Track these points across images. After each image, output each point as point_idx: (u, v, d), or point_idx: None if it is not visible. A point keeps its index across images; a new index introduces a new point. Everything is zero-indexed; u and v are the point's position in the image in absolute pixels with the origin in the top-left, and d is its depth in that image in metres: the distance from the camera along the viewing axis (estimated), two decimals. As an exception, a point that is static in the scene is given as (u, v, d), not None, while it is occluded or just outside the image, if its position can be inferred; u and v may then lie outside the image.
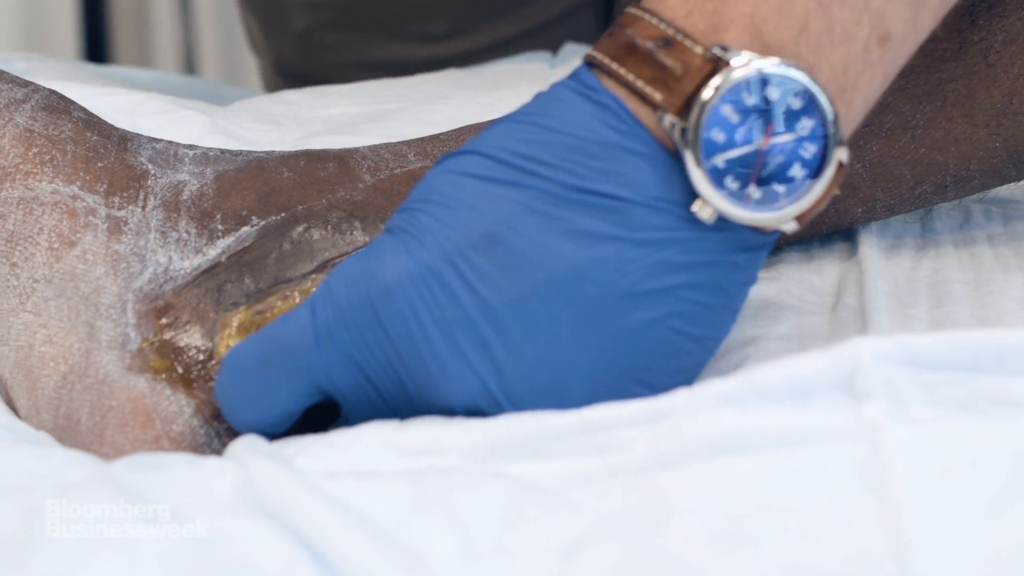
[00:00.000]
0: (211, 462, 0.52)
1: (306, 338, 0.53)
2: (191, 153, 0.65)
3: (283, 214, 0.62)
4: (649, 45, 0.50)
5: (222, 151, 0.66)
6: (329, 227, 0.61)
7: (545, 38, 1.01)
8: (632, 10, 0.51)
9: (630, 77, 0.50)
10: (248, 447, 0.53)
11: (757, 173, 0.50)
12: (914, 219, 0.68)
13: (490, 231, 0.50)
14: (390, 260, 0.51)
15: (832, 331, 0.59)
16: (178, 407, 0.58)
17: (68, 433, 0.59)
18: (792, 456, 0.49)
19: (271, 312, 0.59)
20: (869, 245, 0.65)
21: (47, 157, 0.62)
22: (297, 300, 0.60)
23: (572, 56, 0.87)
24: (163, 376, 0.58)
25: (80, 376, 0.58)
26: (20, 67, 0.76)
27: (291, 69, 1.08)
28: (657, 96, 0.49)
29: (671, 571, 0.45)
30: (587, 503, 0.49)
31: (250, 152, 0.66)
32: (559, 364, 0.51)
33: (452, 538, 0.47)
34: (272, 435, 0.55)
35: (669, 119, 0.49)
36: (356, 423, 0.54)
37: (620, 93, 0.50)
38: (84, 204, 0.61)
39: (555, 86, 0.52)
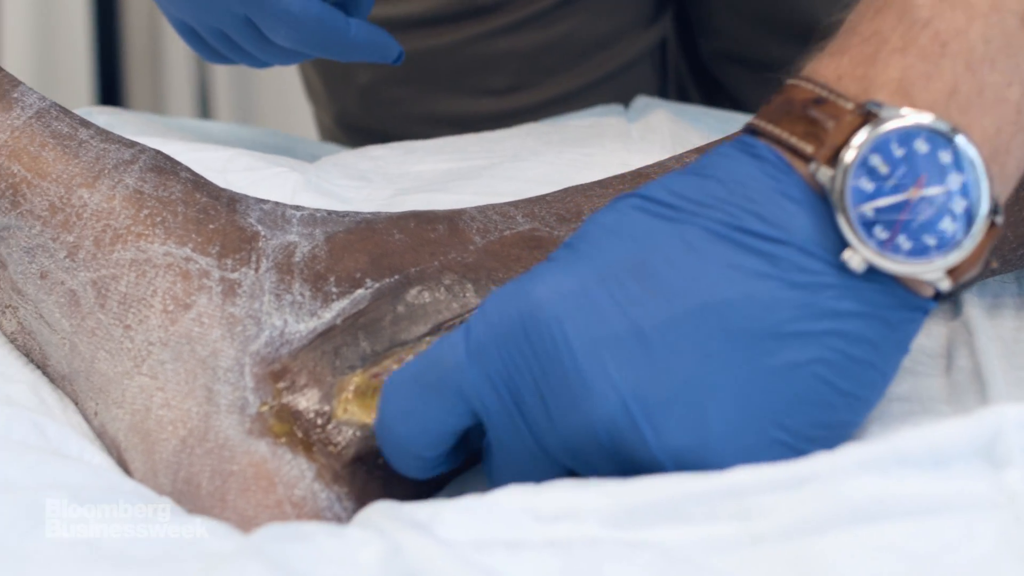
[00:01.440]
0: (352, 532, 0.52)
1: (458, 355, 0.53)
2: (298, 214, 0.65)
3: (396, 276, 0.62)
4: (802, 105, 0.51)
5: (329, 212, 0.66)
6: (442, 289, 0.61)
7: (606, 91, 1.01)
8: (789, 80, 0.53)
9: (784, 135, 0.51)
10: (385, 514, 0.53)
11: (905, 221, 0.50)
12: (1010, 279, 0.68)
13: (645, 259, 0.51)
14: (543, 278, 0.52)
15: (950, 394, 0.59)
16: (299, 471, 0.58)
17: (188, 497, 0.58)
18: (937, 524, 0.49)
19: (387, 375, 0.60)
20: (972, 305, 0.65)
21: (158, 219, 0.62)
22: None
23: (645, 108, 0.87)
24: (283, 440, 0.58)
25: (200, 440, 0.58)
26: (101, 120, 0.75)
27: (353, 122, 1.08)
28: (809, 148, 0.50)
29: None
30: (733, 572, 0.49)
31: (356, 213, 0.66)
32: (701, 392, 0.51)
33: (608, 610, 0.47)
34: (427, 459, 0.55)
35: (820, 169, 0.50)
36: (498, 454, 0.54)
37: (777, 150, 0.52)
38: (197, 266, 0.61)
39: (719, 147, 0.54)
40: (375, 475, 0.58)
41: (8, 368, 0.64)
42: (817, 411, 0.52)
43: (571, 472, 0.55)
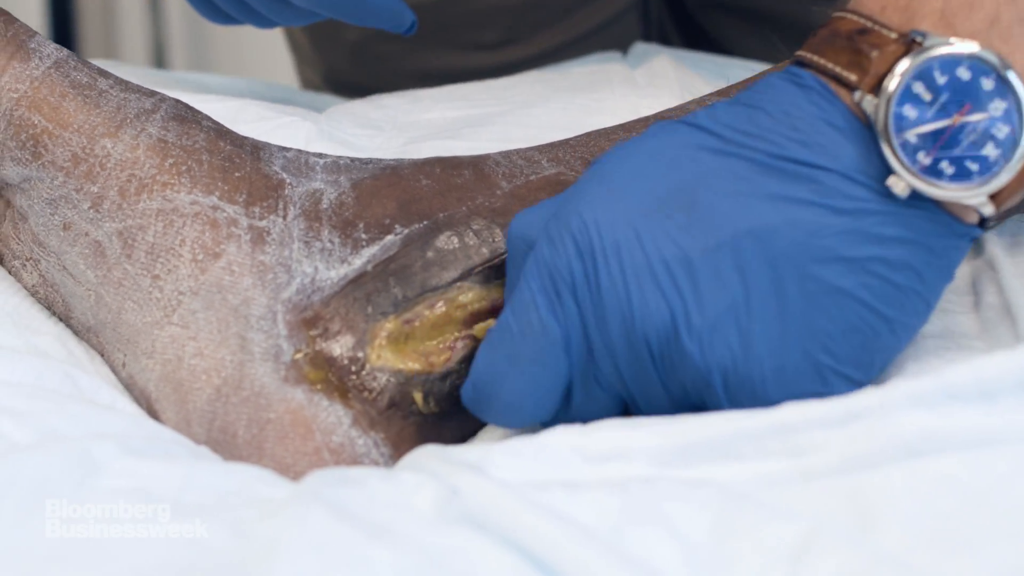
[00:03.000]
0: (405, 476, 0.52)
1: (541, 317, 0.54)
2: (321, 162, 0.65)
3: (425, 222, 0.61)
4: (847, 35, 0.53)
5: (352, 159, 0.65)
6: (471, 234, 0.61)
7: (594, 44, 1.01)
8: (833, 12, 0.54)
9: (829, 64, 0.53)
10: (435, 457, 0.53)
11: (946, 145, 0.51)
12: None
13: (691, 187, 0.52)
14: (596, 204, 0.53)
15: (982, 330, 0.60)
16: (336, 418, 0.58)
17: (224, 446, 0.58)
18: (989, 458, 0.49)
19: (419, 321, 0.59)
20: (994, 244, 0.66)
21: (183, 167, 0.62)
22: (443, 309, 0.60)
23: (646, 55, 0.88)
24: (319, 387, 0.58)
25: (235, 388, 0.58)
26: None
27: (343, 79, 1.07)
28: (853, 77, 0.51)
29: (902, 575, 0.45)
30: (789, 507, 0.49)
31: (379, 160, 0.65)
32: (747, 314, 0.51)
33: (672, 548, 0.47)
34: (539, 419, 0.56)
35: (864, 97, 0.51)
36: (577, 394, 0.55)
37: (823, 79, 0.53)
38: (225, 215, 0.61)
39: (767, 76, 0.55)
40: (410, 420, 0.58)
41: (32, 320, 0.63)
42: (861, 336, 0.52)
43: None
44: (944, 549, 0.47)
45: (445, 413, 0.59)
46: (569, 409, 0.56)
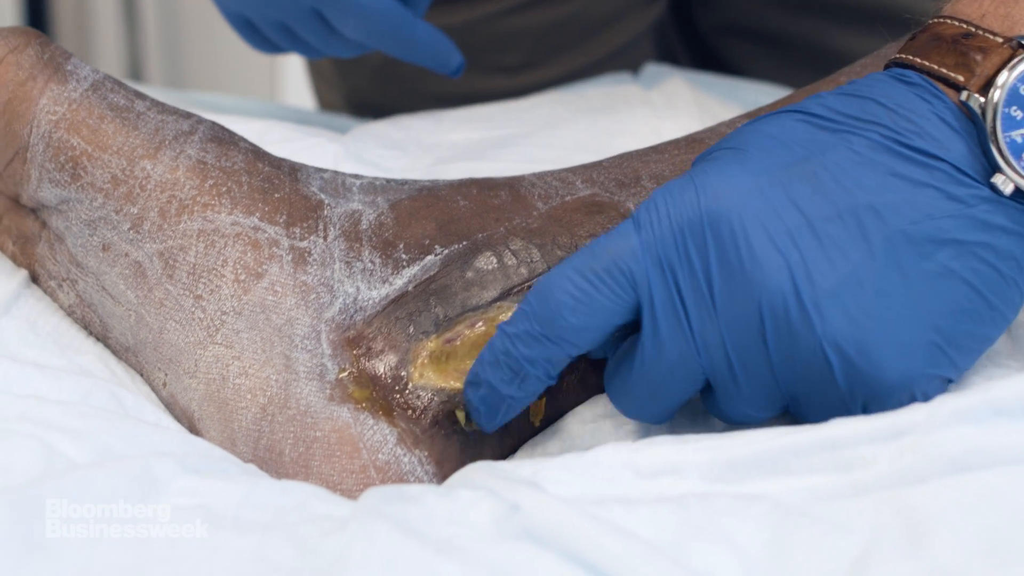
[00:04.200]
0: (461, 493, 0.52)
1: (631, 244, 0.54)
2: (358, 182, 0.66)
3: (464, 242, 0.62)
4: (951, 39, 0.55)
5: (387, 180, 0.66)
6: (510, 255, 0.62)
7: (611, 67, 1.02)
8: (931, 19, 0.56)
9: (935, 66, 0.55)
10: (488, 473, 0.53)
11: None
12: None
13: (812, 163, 0.53)
14: (719, 175, 0.54)
15: (1015, 349, 0.61)
16: (382, 436, 0.58)
17: (270, 464, 0.59)
18: (1037, 471, 0.50)
19: (460, 340, 0.60)
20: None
21: (223, 189, 0.62)
22: (483, 328, 0.60)
23: (658, 76, 0.89)
24: (364, 405, 0.59)
25: (281, 408, 0.59)
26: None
27: (365, 101, 1.08)
28: (960, 78, 0.53)
29: (959, 587, 0.46)
30: (843, 522, 0.50)
31: (415, 181, 0.66)
32: (865, 287, 0.52)
33: (731, 562, 0.48)
34: (579, 350, 0.55)
35: (972, 96, 0.53)
36: (649, 352, 0.54)
37: (927, 79, 0.55)
38: (266, 235, 0.61)
39: (868, 76, 0.56)
40: (453, 439, 0.59)
41: (72, 340, 0.64)
42: (967, 319, 0.53)
43: (703, 391, 0.56)
44: (995, 562, 0.48)
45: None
46: (636, 360, 0.55)
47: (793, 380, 0.54)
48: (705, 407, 0.57)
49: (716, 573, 0.48)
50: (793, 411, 0.55)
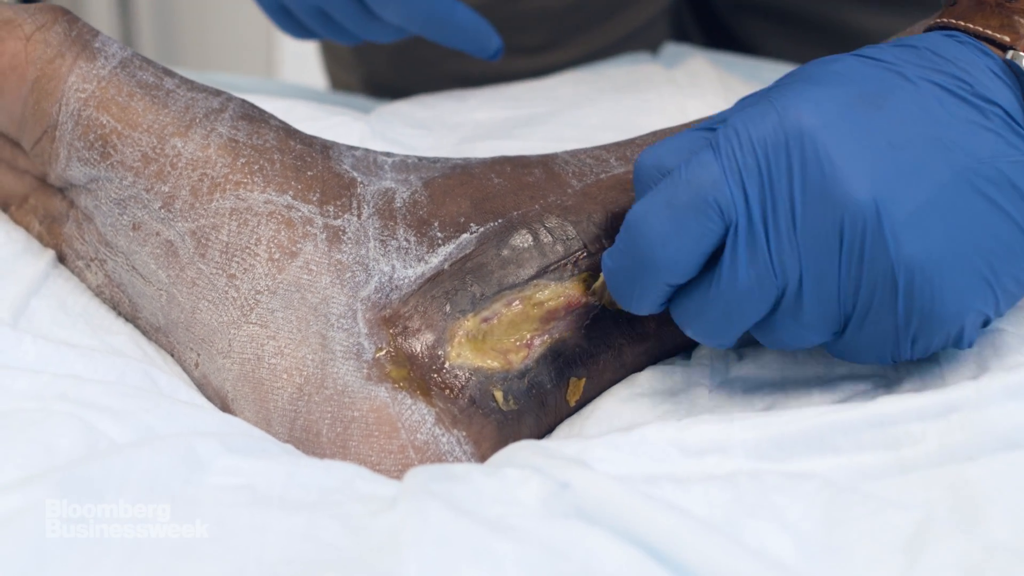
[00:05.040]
0: (507, 471, 0.52)
1: (713, 173, 0.53)
2: (389, 160, 0.65)
3: (500, 220, 0.62)
4: (994, 3, 0.56)
5: (419, 158, 0.66)
6: (545, 232, 0.61)
7: (629, 48, 1.02)
8: None
9: (980, 28, 0.56)
10: (534, 452, 0.53)
11: None
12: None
13: (880, 92, 0.54)
14: (797, 97, 0.53)
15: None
16: (420, 416, 0.58)
17: (306, 445, 0.58)
18: (1086, 446, 0.50)
19: (497, 319, 0.60)
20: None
21: (256, 167, 0.62)
22: (520, 307, 0.60)
23: (678, 56, 0.88)
24: (401, 385, 0.58)
25: (318, 387, 0.58)
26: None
27: (383, 83, 1.07)
28: (1007, 38, 0.55)
29: (1017, 562, 0.46)
30: (894, 499, 0.50)
31: (447, 159, 0.66)
32: (936, 214, 0.52)
33: (786, 539, 0.48)
34: (671, 288, 0.56)
35: (1019, 55, 0.54)
36: (727, 277, 0.54)
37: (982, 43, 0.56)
38: (300, 214, 0.61)
39: (916, 36, 0.57)
40: (491, 418, 0.59)
41: (103, 320, 0.63)
42: (1015, 261, 0.54)
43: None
44: (1053, 538, 0.47)
45: (523, 410, 0.59)
46: (711, 283, 0.55)
47: (855, 302, 0.53)
48: (755, 335, 0.56)
49: (771, 550, 0.47)
50: (841, 340, 0.55)
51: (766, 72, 0.89)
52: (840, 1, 0.98)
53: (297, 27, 0.79)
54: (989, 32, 0.55)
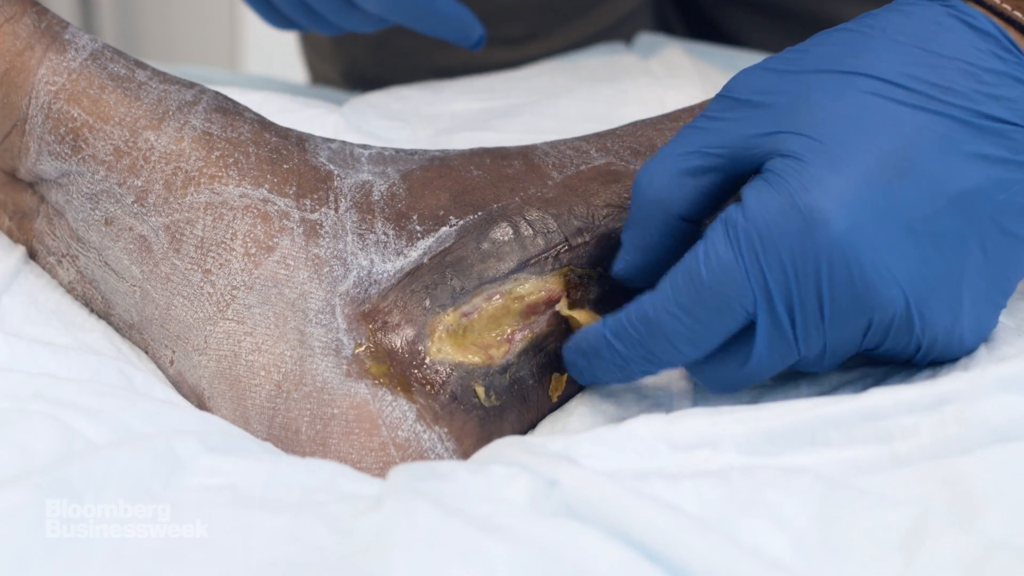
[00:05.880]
0: (494, 469, 0.51)
1: (737, 280, 0.52)
2: (366, 153, 0.64)
3: (479, 213, 0.61)
4: None
5: (396, 150, 0.64)
6: (526, 225, 0.60)
7: (611, 39, 1.01)
8: None
9: (1007, 7, 0.53)
10: (520, 449, 0.52)
11: None
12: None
13: (901, 152, 0.51)
14: (820, 192, 0.51)
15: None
16: (401, 412, 0.57)
17: (285, 443, 0.57)
18: (1082, 439, 0.49)
19: (477, 313, 0.59)
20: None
21: (230, 160, 0.60)
22: (500, 301, 0.59)
23: (654, 46, 0.87)
24: (381, 381, 0.57)
25: (296, 384, 0.57)
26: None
27: (363, 74, 1.06)
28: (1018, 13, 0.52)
29: (1017, 560, 0.45)
30: (886, 493, 0.49)
31: (424, 151, 0.65)
32: (959, 278, 0.52)
33: (781, 537, 0.47)
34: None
35: None
36: (762, 360, 0.53)
37: (1002, 24, 0.53)
38: (276, 207, 0.60)
39: (929, 11, 0.54)
40: (472, 414, 0.58)
41: (76, 317, 0.62)
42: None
43: None
44: (1051, 532, 0.47)
45: (505, 406, 0.58)
46: (735, 361, 0.55)
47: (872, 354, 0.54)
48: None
49: (767, 548, 0.47)
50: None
51: (741, 62, 0.88)
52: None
53: (279, 18, 0.77)
54: (1018, 15, 0.53)
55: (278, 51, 1.68)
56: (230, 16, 1.85)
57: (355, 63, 1.06)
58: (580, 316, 0.57)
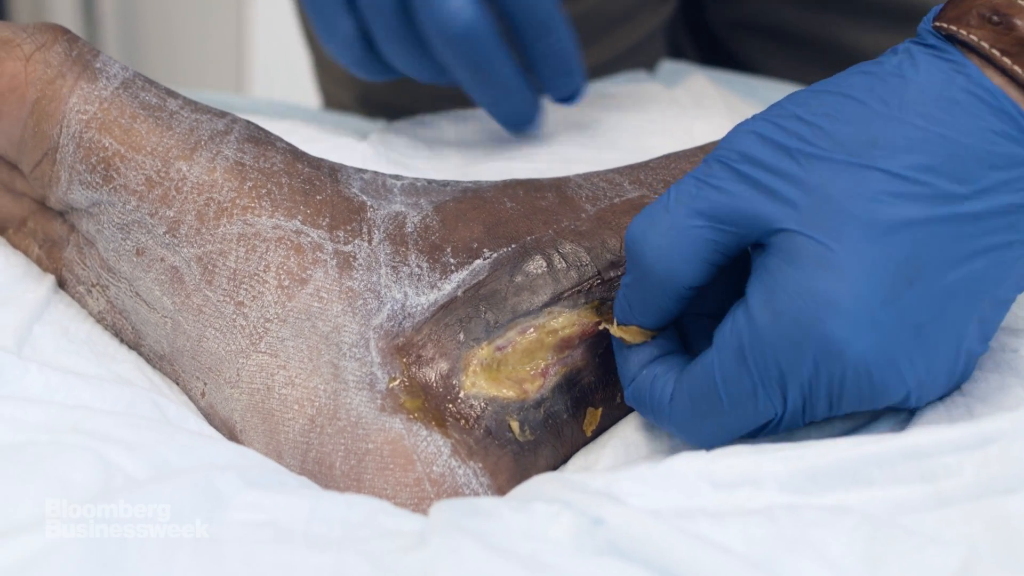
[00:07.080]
0: (536, 506, 0.50)
1: (754, 405, 0.52)
2: (399, 184, 0.64)
3: (513, 245, 0.60)
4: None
5: (428, 181, 0.64)
6: (559, 259, 0.60)
7: (625, 65, 1.00)
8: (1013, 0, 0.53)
9: (1018, 70, 0.51)
10: (561, 486, 0.52)
11: None
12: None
13: (913, 263, 0.50)
14: (836, 316, 0.50)
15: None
16: (436, 448, 0.56)
17: (319, 478, 0.57)
18: None
19: (511, 347, 0.58)
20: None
21: (263, 191, 0.60)
22: (534, 335, 0.59)
23: (677, 74, 0.87)
24: (416, 416, 0.57)
25: (330, 419, 0.57)
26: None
27: (381, 100, 1.05)
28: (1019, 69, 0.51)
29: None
30: (933, 533, 0.49)
31: (457, 182, 0.64)
32: (956, 358, 0.53)
33: None
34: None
35: None
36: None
37: (1013, 95, 0.51)
38: (309, 239, 0.59)
39: (942, 81, 0.52)
40: (507, 449, 0.57)
41: (107, 348, 0.61)
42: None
43: None
44: (1100, 572, 0.46)
45: (540, 441, 0.58)
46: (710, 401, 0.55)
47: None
48: None
49: (812, 589, 0.46)
50: None
51: (762, 91, 0.88)
52: (837, 20, 0.97)
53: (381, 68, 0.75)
54: (1018, 70, 0.51)
55: (284, 75, 1.67)
56: (236, 40, 1.85)
57: (372, 89, 1.05)
58: (630, 334, 0.57)
